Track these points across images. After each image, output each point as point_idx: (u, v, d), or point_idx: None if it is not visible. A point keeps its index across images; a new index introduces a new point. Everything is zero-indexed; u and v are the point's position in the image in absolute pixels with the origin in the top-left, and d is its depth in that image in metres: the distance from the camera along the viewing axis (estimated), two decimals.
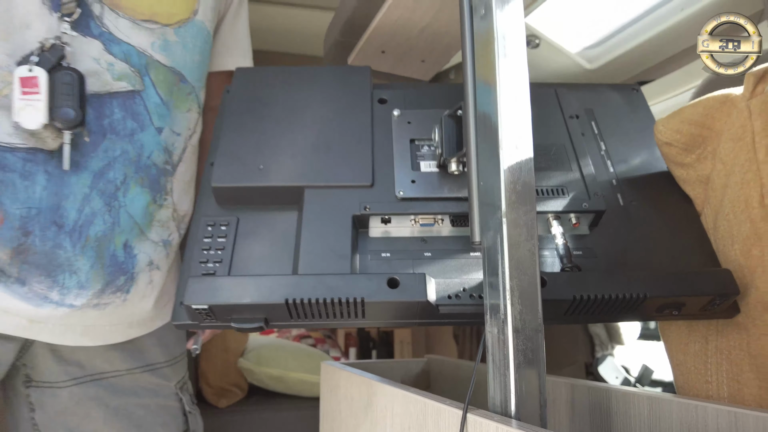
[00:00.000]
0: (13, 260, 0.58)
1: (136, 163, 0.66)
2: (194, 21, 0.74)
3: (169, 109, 0.70)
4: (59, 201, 0.60)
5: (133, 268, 0.67)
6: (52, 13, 0.61)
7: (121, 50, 0.66)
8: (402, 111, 0.61)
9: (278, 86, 0.63)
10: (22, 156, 0.59)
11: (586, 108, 0.66)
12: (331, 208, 0.54)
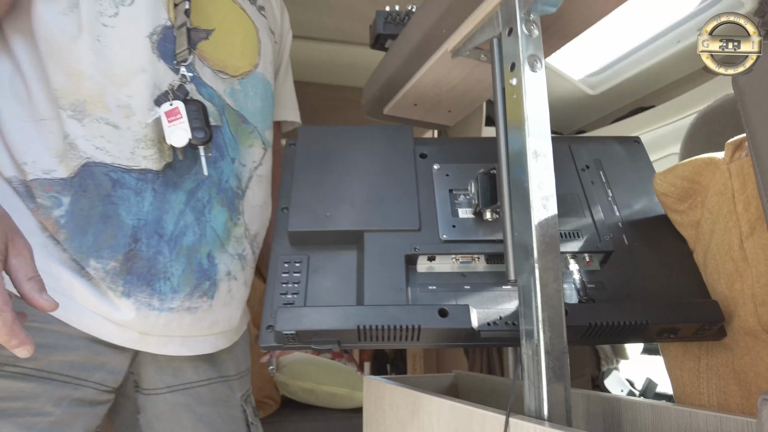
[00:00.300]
0: (122, 267, 0.69)
1: (217, 185, 0.79)
2: (255, 73, 0.89)
3: (237, 144, 0.84)
4: (161, 214, 0.73)
5: (215, 275, 0.78)
6: (161, 61, 0.75)
7: (208, 92, 0.79)
8: (441, 165, 0.73)
9: (337, 144, 0.75)
10: (136, 176, 0.72)
11: (595, 159, 0.78)
12: (387, 249, 0.65)
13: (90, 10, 0.71)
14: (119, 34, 0.72)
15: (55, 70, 0.70)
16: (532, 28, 0.59)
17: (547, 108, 0.57)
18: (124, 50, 0.72)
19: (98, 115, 0.70)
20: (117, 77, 0.72)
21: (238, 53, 0.87)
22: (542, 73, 0.58)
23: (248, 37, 0.90)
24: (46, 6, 0.72)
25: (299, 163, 0.73)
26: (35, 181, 0.68)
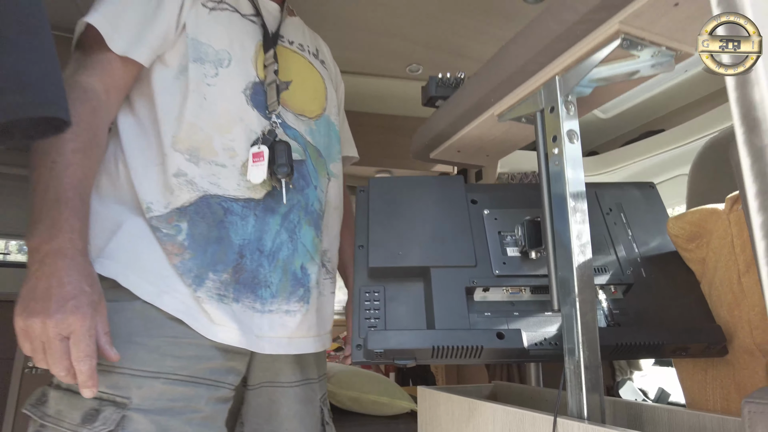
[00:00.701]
0: (232, 278, 0.85)
1: (305, 209, 0.96)
2: (324, 115, 1.08)
3: (317, 174, 1.01)
4: (261, 234, 0.89)
5: (308, 283, 0.94)
6: (255, 110, 0.92)
7: (292, 133, 0.97)
8: (490, 210, 0.88)
9: (402, 192, 0.91)
10: (242, 204, 0.89)
11: (617, 203, 0.93)
12: (450, 282, 0.80)
13: (196, 73, 0.89)
14: (220, 91, 0.91)
15: (172, 124, 0.87)
16: (570, 107, 0.74)
17: (582, 172, 0.72)
18: (225, 104, 0.90)
19: (210, 158, 0.88)
20: (221, 126, 0.90)
21: (312, 99, 1.06)
22: (578, 144, 0.73)
23: (318, 86, 1.10)
24: (161, 73, 0.89)
25: (372, 208, 0.88)
26: (160, 217, 0.84)
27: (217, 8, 0.95)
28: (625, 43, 0.66)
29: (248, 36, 0.97)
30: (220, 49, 0.92)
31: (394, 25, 1.91)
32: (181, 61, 0.90)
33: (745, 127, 0.37)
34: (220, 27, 0.93)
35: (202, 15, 0.93)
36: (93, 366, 0.68)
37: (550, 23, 0.70)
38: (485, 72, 0.87)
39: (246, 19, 0.99)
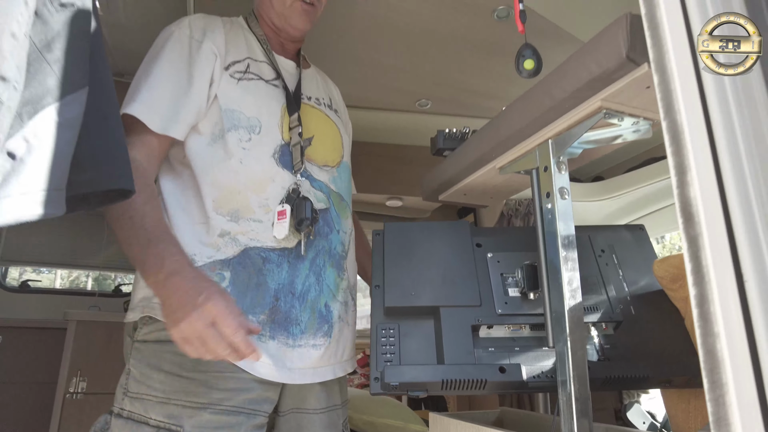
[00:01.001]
0: (268, 319, 0.96)
1: (329, 252, 1.07)
2: (343, 162, 1.21)
3: (340, 218, 1.13)
4: (293, 279, 1.00)
5: (331, 319, 1.05)
6: (284, 170, 1.04)
7: (318, 184, 1.09)
8: (493, 253, 0.98)
9: (414, 236, 1.01)
10: (278, 254, 1.00)
11: (609, 245, 1.03)
12: (457, 320, 0.90)
13: (233, 140, 1.01)
14: (254, 156, 1.02)
15: (212, 187, 0.99)
16: (561, 167, 0.85)
17: (572, 225, 0.82)
18: (259, 166, 1.02)
19: (248, 216, 1.00)
20: (257, 187, 1.02)
21: (332, 150, 1.18)
22: (569, 199, 0.83)
23: (335, 136, 1.23)
24: (196, 140, 1.02)
25: (387, 251, 0.99)
26: (203, 266, 0.95)
27: (244, 78, 1.06)
28: (607, 115, 0.76)
29: (274, 101, 1.08)
30: (251, 116, 1.03)
31: (404, 64, 2.03)
32: (213, 129, 1.01)
33: (683, 219, 0.47)
34: (250, 96, 1.05)
35: (231, 85, 1.04)
36: (245, 336, 0.77)
37: (543, 97, 0.80)
38: (487, 130, 0.97)
39: (270, 85, 1.10)
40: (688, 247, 0.46)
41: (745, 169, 0.45)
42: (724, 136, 0.46)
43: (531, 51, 0.90)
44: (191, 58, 1.02)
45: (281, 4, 1.14)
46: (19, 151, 0.55)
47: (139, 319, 0.95)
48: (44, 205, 0.56)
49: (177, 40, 1.04)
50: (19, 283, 3.26)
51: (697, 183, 0.46)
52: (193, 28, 1.06)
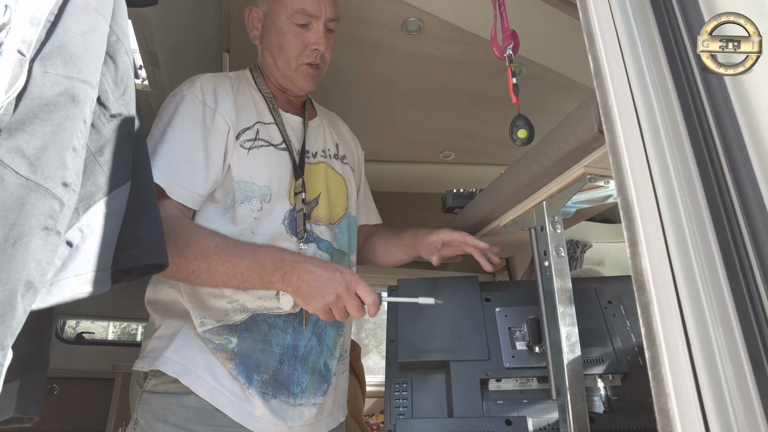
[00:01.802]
0: (271, 379, 1.02)
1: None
2: (347, 215, 1.26)
3: None
4: (296, 342, 1.06)
5: (330, 378, 1.11)
6: (293, 236, 1.10)
7: (324, 245, 1.15)
8: (501, 308, 1.03)
9: (427, 291, 1.07)
10: (283, 319, 1.07)
11: (616, 296, 1.06)
12: (467, 374, 0.95)
13: (246, 210, 1.07)
14: (265, 224, 1.08)
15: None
16: (557, 227, 0.90)
17: (569, 282, 0.87)
18: (269, 234, 1.08)
19: None
20: None
21: (337, 205, 1.24)
22: (565, 257, 0.89)
23: (340, 190, 1.27)
24: (210, 208, 1.08)
25: (401, 308, 1.05)
26: (212, 330, 1.03)
27: (254, 146, 1.10)
28: (591, 179, 0.82)
29: (282, 168, 1.12)
30: (263, 185, 1.08)
31: (424, 120, 2.14)
32: (226, 199, 1.06)
33: (636, 287, 0.52)
34: (260, 165, 1.09)
35: (243, 156, 1.08)
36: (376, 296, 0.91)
37: (532, 164, 0.87)
38: (489, 193, 1.05)
39: (278, 150, 1.14)
40: (641, 313, 0.51)
41: (688, 242, 0.51)
42: (669, 213, 0.52)
43: (524, 121, 0.97)
44: (206, 128, 1.06)
45: (286, 67, 1.17)
46: (75, 240, 0.66)
47: (149, 370, 1.03)
48: (93, 284, 0.67)
49: (190, 104, 1.07)
50: (75, 335, 3.47)
51: (646, 254, 0.52)
52: (204, 93, 1.09)
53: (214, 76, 1.16)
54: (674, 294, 0.50)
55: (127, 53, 0.79)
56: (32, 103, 0.61)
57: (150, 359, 1.03)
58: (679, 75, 0.55)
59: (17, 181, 0.58)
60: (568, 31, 1.52)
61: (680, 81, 0.54)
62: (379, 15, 1.51)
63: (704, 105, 0.53)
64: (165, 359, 1.00)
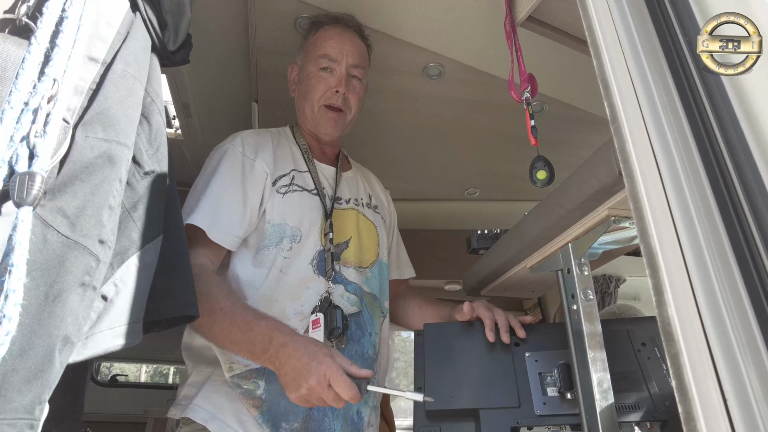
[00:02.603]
0: (301, 427, 1.01)
1: (361, 357, 1.11)
2: (379, 260, 1.27)
3: (372, 319, 1.17)
4: None
5: (362, 426, 1.09)
6: (320, 276, 1.11)
7: (352, 287, 1.16)
8: (531, 353, 1.01)
9: (453, 337, 1.06)
10: None
11: (649, 337, 1.02)
12: (497, 422, 0.92)
13: (276, 251, 1.11)
14: (294, 264, 1.11)
15: (252, 298, 1.08)
16: (584, 269, 0.89)
17: (599, 326, 0.85)
18: (297, 274, 1.11)
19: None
20: (293, 295, 1.10)
21: (368, 250, 1.26)
22: (594, 300, 0.87)
23: (371, 236, 1.30)
24: (243, 252, 1.12)
25: (428, 353, 1.04)
26: (240, 374, 1.03)
27: (289, 191, 1.16)
28: (616, 221, 0.82)
29: (314, 211, 1.17)
30: (294, 226, 1.13)
31: (449, 159, 2.17)
32: (259, 242, 1.10)
33: (664, 337, 0.51)
34: (293, 208, 1.14)
35: (278, 200, 1.14)
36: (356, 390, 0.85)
37: (555, 207, 0.87)
38: (513, 234, 1.04)
39: (311, 195, 1.20)
40: (671, 364, 0.50)
41: (716, 289, 0.50)
42: (694, 260, 0.51)
43: (543, 162, 0.98)
44: (245, 176, 1.13)
45: (311, 110, 1.25)
46: (110, 294, 0.69)
47: (180, 417, 1.04)
48: (126, 336, 0.69)
49: (231, 156, 1.15)
50: (110, 376, 3.52)
51: (672, 304, 0.51)
52: (245, 146, 1.18)
53: (254, 131, 1.26)
54: (705, 344, 0.48)
55: (160, 114, 0.83)
56: (74, 166, 0.65)
57: (181, 406, 1.05)
58: (696, 121, 0.55)
59: (58, 240, 0.62)
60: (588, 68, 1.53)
61: (697, 127, 0.55)
62: (400, 63, 1.56)
63: (722, 149, 0.53)
64: (194, 406, 1.01)
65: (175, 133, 2.14)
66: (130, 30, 0.80)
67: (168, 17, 0.90)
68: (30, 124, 0.60)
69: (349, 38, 1.26)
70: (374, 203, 1.39)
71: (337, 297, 1.12)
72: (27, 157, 0.59)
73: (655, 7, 0.59)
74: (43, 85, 0.61)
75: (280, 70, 1.60)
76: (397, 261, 1.46)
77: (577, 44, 1.23)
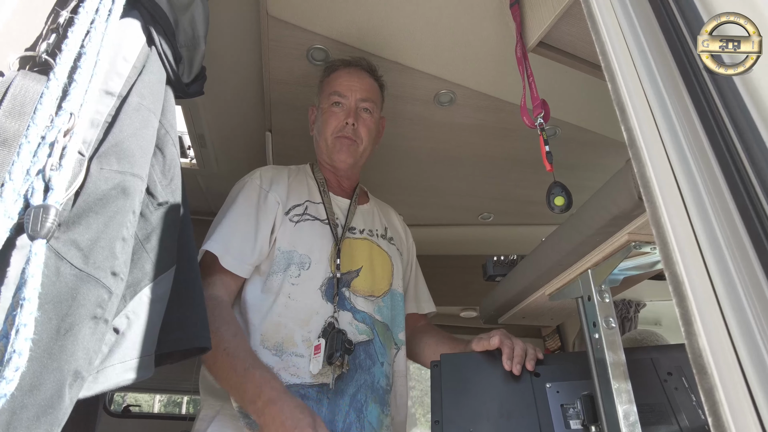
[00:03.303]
0: None
1: (371, 387, 1.09)
2: (392, 290, 1.25)
3: (385, 349, 1.15)
4: (333, 416, 1.02)
5: None
6: (328, 302, 1.10)
7: (361, 316, 1.14)
8: (552, 383, 0.97)
9: (471, 367, 1.03)
10: (317, 389, 1.04)
11: (675, 366, 0.98)
12: None
13: (284, 277, 1.12)
14: (302, 290, 1.11)
15: (260, 323, 1.08)
16: (605, 296, 0.86)
17: (623, 355, 0.82)
18: (305, 300, 1.11)
19: (291, 351, 1.06)
20: (302, 321, 1.09)
21: (380, 279, 1.25)
22: (616, 328, 0.84)
23: (385, 266, 1.29)
24: (254, 279, 1.14)
25: (445, 385, 1.01)
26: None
27: (302, 220, 1.20)
28: (636, 246, 0.79)
29: (324, 238, 1.20)
30: (303, 253, 1.15)
31: (463, 185, 2.16)
32: (269, 268, 1.12)
33: (696, 370, 0.48)
34: (304, 235, 1.17)
35: (289, 228, 1.17)
36: None
37: (572, 233, 0.85)
38: (531, 261, 1.02)
39: (323, 224, 1.23)
40: (705, 400, 0.47)
41: (749, 317, 0.47)
42: (724, 287, 0.49)
43: (560, 188, 0.96)
44: (259, 206, 1.18)
45: (325, 143, 1.32)
46: (121, 327, 0.68)
47: None
48: (137, 370, 0.68)
49: (249, 188, 1.22)
50: (122, 408, 3.50)
51: (703, 334, 0.48)
52: (262, 179, 1.24)
53: (273, 167, 1.33)
54: (741, 377, 0.46)
55: (174, 145, 0.84)
56: (88, 198, 0.66)
57: None
58: (717, 141, 0.53)
59: (71, 272, 0.61)
60: (600, 92, 1.52)
61: (719, 147, 0.53)
62: (412, 90, 1.57)
63: (747, 168, 0.51)
64: None
65: (190, 163, 2.17)
66: (146, 64, 0.81)
67: (183, 50, 0.92)
68: (46, 158, 0.60)
69: (358, 76, 1.35)
70: (390, 235, 1.40)
71: (344, 324, 1.11)
72: (42, 190, 0.59)
73: (668, 28, 0.58)
74: (60, 119, 0.62)
75: (293, 100, 1.62)
76: (416, 294, 1.45)
77: (590, 68, 1.23)
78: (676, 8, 0.56)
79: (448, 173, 2.06)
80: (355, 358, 1.09)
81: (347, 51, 1.42)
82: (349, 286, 1.17)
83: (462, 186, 2.17)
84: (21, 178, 0.58)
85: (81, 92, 0.66)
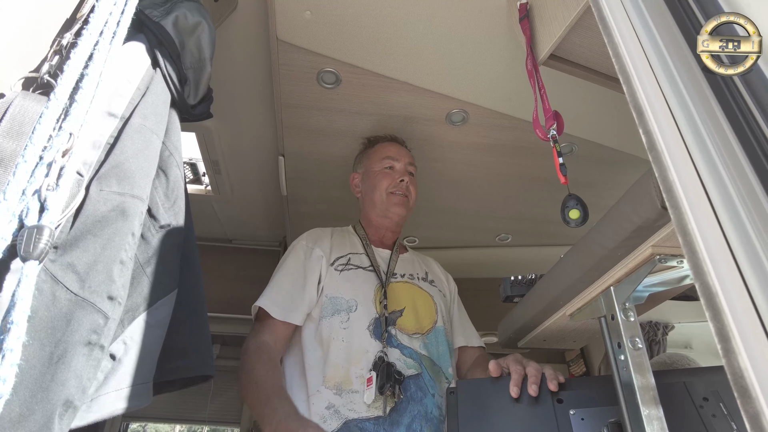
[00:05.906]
0: None
1: (425, 417, 1.10)
2: (436, 327, 1.29)
3: (434, 382, 1.17)
4: None
5: None
6: (376, 341, 1.15)
7: (408, 351, 1.17)
8: (576, 410, 0.91)
9: (490, 393, 0.97)
10: (373, 422, 1.06)
11: (712, 391, 0.91)
12: None
13: (335, 322, 1.19)
14: (353, 332, 1.18)
15: (321, 365, 1.14)
16: (629, 314, 0.81)
17: (652, 378, 0.76)
18: (357, 341, 1.16)
19: (348, 389, 1.10)
20: (354, 359, 1.14)
21: (424, 317, 1.30)
22: (643, 350, 0.78)
23: (427, 305, 1.35)
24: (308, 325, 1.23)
25: (462, 413, 0.96)
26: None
27: (345, 269, 1.32)
28: (661, 260, 0.74)
29: (368, 284, 1.30)
30: (350, 299, 1.24)
31: (480, 205, 2.12)
32: (321, 314, 1.22)
33: (737, 393, 0.43)
34: (349, 283, 1.28)
35: (335, 277, 1.29)
36: None
37: (593, 247, 0.80)
38: (550, 279, 0.97)
39: (367, 271, 1.34)
40: (750, 427, 0.42)
41: None
42: (763, 297, 0.44)
43: (575, 201, 0.92)
44: (305, 262, 1.32)
45: (380, 200, 1.46)
46: (118, 353, 0.65)
47: None
48: (132, 399, 0.65)
49: (296, 249, 1.37)
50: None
51: (744, 352, 0.43)
52: (308, 239, 1.40)
53: (318, 229, 1.47)
54: None
55: (178, 167, 0.83)
56: (87, 220, 0.64)
57: None
58: (746, 136, 0.49)
59: (66, 297, 0.59)
60: (615, 106, 1.49)
61: (748, 142, 0.49)
62: (423, 110, 1.55)
63: None
64: None
65: (204, 189, 2.18)
66: (150, 85, 0.81)
67: (189, 72, 0.92)
68: (43, 178, 0.59)
69: (401, 147, 1.58)
70: (430, 278, 1.48)
71: (393, 359, 1.16)
72: (37, 211, 0.57)
73: (684, 21, 0.55)
74: (58, 140, 0.60)
75: (305, 124, 1.62)
76: (464, 331, 1.49)
77: (604, 80, 1.19)
78: (693, 0, 0.53)
79: (464, 194, 2.03)
80: (406, 390, 1.13)
81: (357, 73, 1.41)
82: (395, 324, 1.25)
83: (478, 206, 2.13)
84: (16, 198, 0.57)
85: (81, 113, 0.65)
